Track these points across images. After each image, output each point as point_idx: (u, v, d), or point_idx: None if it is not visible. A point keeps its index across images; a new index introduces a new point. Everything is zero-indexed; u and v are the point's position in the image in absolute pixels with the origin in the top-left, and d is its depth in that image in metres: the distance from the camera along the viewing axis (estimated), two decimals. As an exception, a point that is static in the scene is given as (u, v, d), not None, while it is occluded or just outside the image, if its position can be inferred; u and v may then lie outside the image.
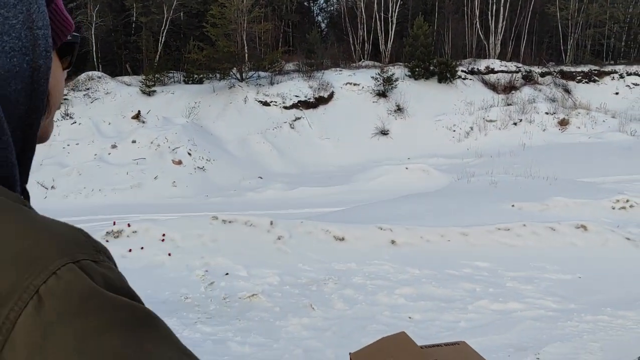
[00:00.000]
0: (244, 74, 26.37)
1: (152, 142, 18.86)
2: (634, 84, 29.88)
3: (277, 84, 26.13)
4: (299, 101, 25.35)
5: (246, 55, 26.93)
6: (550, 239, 8.32)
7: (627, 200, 10.48)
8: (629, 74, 30.26)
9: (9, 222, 0.53)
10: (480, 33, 32.17)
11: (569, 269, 7.47)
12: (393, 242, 8.15)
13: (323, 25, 41.87)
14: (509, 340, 5.16)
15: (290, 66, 28.41)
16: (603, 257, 7.84)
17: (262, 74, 26.71)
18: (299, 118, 24.67)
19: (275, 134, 23.31)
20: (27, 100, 0.68)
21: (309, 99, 25.55)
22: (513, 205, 10.25)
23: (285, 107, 24.97)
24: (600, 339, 5.19)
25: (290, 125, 24.17)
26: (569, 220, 8.85)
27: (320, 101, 25.84)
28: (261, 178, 18.93)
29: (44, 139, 0.76)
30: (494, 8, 31.50)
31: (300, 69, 27.86)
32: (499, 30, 31.59)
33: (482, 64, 29.85)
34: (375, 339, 6.51)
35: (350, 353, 2.24)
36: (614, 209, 10.33)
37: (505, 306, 6.07)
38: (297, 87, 25.88)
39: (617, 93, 29.50)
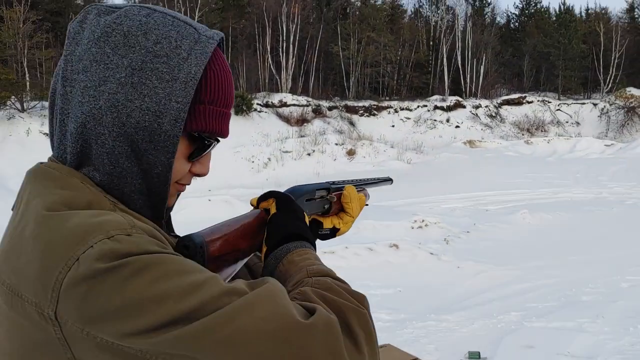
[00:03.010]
0: (25, 104, 24.08)
1: None
2: (406, 117, 33.82)
3: (66, 114, 24.33)
4: (91, 133, 23.94)
5: (27, 83, 24.74)
6: (370, 258, 9.11)
7: (423, 220, 11.89)
8: (402, 109, 34.21)
9: (77, 216, 0.76)
10: (272, 68, 33.73)
11: (389, 284, 8.25)
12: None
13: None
14: (360, 352, 5.57)
15: (79, 96, 26.69)
16: (415, 270, 8.82)
17: (46, 104, 24.62)
18: (91, 151, 23.24)
19: (66, 168, 21.62)
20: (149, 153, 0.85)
21: (102, 130, 24.26)
22: (329, 230, 10.96)
23: (75, 139, 23.34)
24: (434, 341, 5.88)
25: (83, 158, 22.64)
26: (383, 241, 9.77)
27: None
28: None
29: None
30: (284, 45, 33.33)
31: (90, 99, 26.31)
32: (290, 66, 33.49)
33: (275, 98, 31.24)
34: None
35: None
36: (413, 228, 11.63)
37: (347, 322, 6.51)
38: (88, 118, 24.40)
39: (393, 126, 33.06)
